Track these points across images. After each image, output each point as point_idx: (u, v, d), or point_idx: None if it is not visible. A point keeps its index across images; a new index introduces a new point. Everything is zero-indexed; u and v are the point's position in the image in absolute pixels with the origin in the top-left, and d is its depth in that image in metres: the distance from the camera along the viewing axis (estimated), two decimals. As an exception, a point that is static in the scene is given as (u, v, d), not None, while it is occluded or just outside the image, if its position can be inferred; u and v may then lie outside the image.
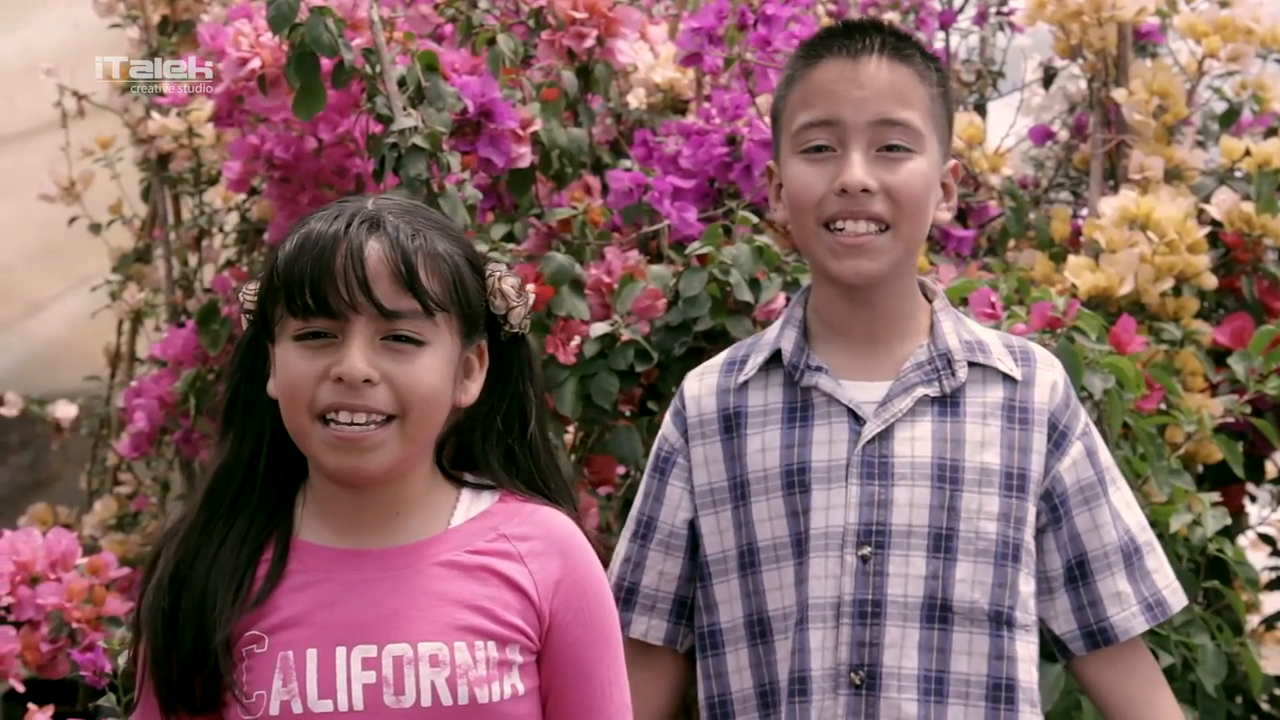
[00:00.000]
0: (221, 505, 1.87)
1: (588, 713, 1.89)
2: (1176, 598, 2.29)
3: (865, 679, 2.16)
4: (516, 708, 1.84)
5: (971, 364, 2.21)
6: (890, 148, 2.16)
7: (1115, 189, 3.61)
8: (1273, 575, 3.83)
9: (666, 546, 2.31)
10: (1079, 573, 2.23)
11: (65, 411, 4.30)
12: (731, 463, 2.25)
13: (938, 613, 2.16)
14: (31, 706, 2.68)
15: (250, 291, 1.87)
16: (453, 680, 1.81)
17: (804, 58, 2.22)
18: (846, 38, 2.20)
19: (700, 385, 2.30)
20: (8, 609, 2.90)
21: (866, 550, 2.17)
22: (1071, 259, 3.41)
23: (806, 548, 2.19)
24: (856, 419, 2.19)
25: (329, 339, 1.79)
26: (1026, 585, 2.20)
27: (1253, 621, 3.83)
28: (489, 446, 1.92)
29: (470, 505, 1.89)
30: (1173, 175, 3.59)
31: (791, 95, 2.22)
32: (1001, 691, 2.17)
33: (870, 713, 2.15)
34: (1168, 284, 3.37)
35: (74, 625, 2.91)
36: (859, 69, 2.17)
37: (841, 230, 2.16)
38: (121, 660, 2.33)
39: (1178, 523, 2.93)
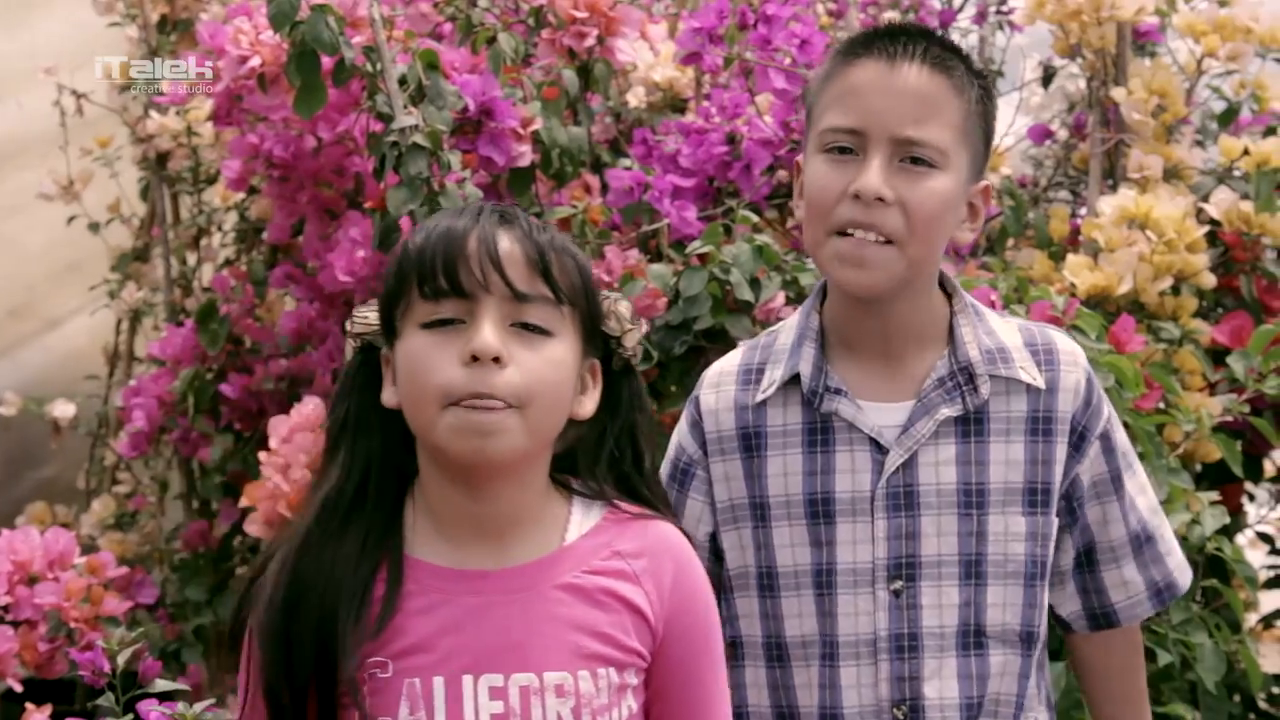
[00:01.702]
0: (332, 524, 1.83)
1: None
2: (1184, 576, 2.29)
3: (908, 713, 2.14)
4: None
5: (993, 376, 2.15)
6: (914, 160, 2.09)
7: (1114, 188, 3.61)
8: (1271, 574, 3.83)
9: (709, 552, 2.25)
10: (1085, 560, 2.23)
11: (63, 411, 4.30)
12: (751, 481, 2.20)
13: (972, 639, 2.15)
14: (29, 706, 2.68)
15: (361, 315, 1.86)
16: (577, 710, 1.80)
17: (844, 54, 2.16)
18: (889, 40, 2.12)
19: (717, 399, 2.23)
20: (5, 608, 2.90)
21: (898, 584, 2.14)
22: (1070, 258, 3.41)
23: (834, 582, 2.15)
24: (879, 448, 2.14)
25: (458, 325, 1.78)
26: (1046, 596, 2.20)
27: (1251, 620, 3.83)
28: (600, 470, 1.91)
29: (582, 520, 1.88)
30: (1171, 174, 3.59)
31: (825, 92, 2.16)
32: (1027, 700, 2.18)
33: None
34: (1166, 283, 3.37)
35: (72, 625, 2.91)
36: (894, 75, 2.10)
37: (850, 239, 2.10)
38: (121, 660, 2.32)
39: (1176, 521, 2.93)
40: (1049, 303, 2.89)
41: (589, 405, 1.88)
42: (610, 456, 1.92)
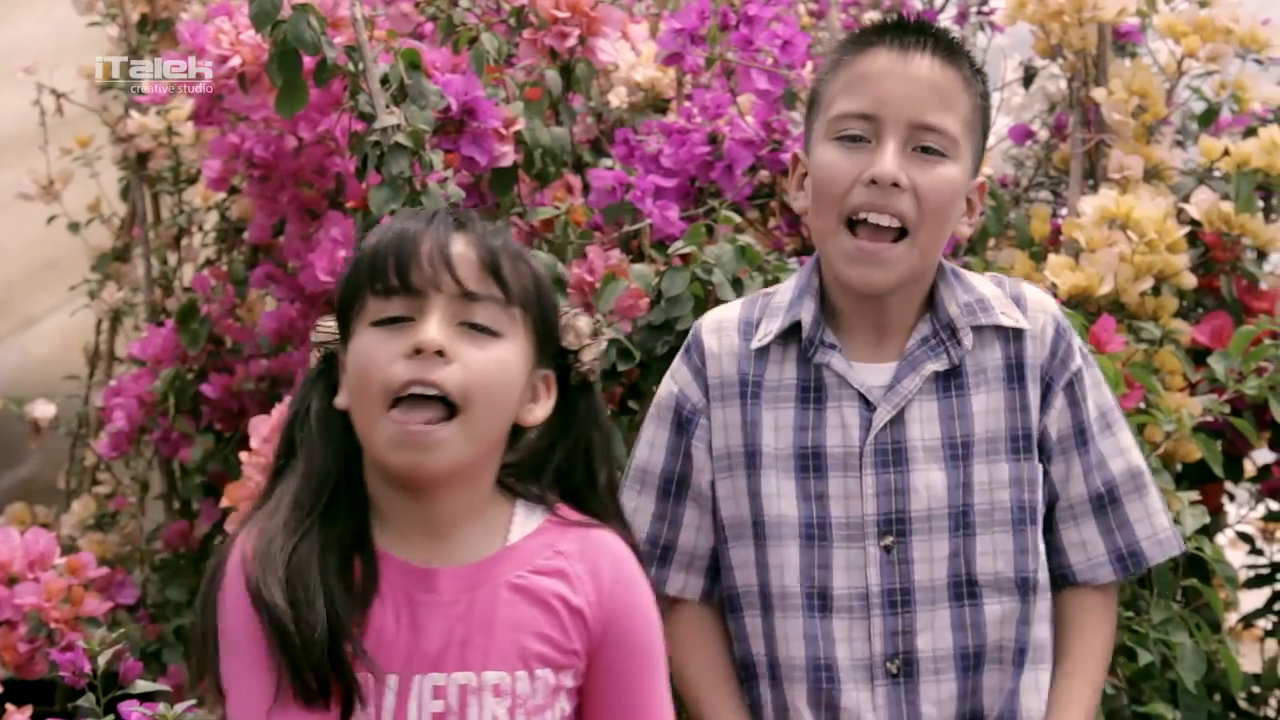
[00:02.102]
0: (309, 520, 1.84)
1: None
2: (1158, 549, 2.26)
3: (902, 666, 2.17)
4: None
5: (974, 328, 2.19)
6: (925, 149, 2.13)
7: (1095, 188, 3.62)
8: (1251, 573, 3.84)
9: (699, 505, 2.29)
10: (1049, 520, 2.23)
11: (43, 411, 4.29)
12: (746, 430, 2.23)
13: (964, 589, 2.17)
14: (10, 707, 2.67)
15: (324, 324, 1.89)
16: (513, 710, 1.82)
17: (853, 44, 2.19)
18: (899, 31, 2.16)
19: (720, 345, 2.26)
20: (-14, 609, 2.89)
21: (889, 540, 2.17)
22: (1051, 258, 3.41)
23: (830, 535, 2.19)
24: (867, 404, 2.18)
25: (407, 323, 1.80)
26: (1037, 541, 2.21)
27: (1231, 619, 3.84)
28: (545, 481, 1.93)
29: (525, 521, 1.89)
30: (1152, 175, 3.60)
31: (834, 80, 2.18)
32: (1029, 652, 2.19)
33: (910, 700, 2.18)
34: (1147, 283, 3.37)
35: (52, 625, 2.90)
36: (908, 63, 2.13)
37: (864, 224, 2.13)
38: (101, 661, 2.32)
39: (1158, 521, 2.93)
40: (1030, 303, 2.88)
41: (538, 414, 1.89)
42: (558, 469, 1.93)
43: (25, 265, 4.60)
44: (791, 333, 2.23)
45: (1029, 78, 4.19)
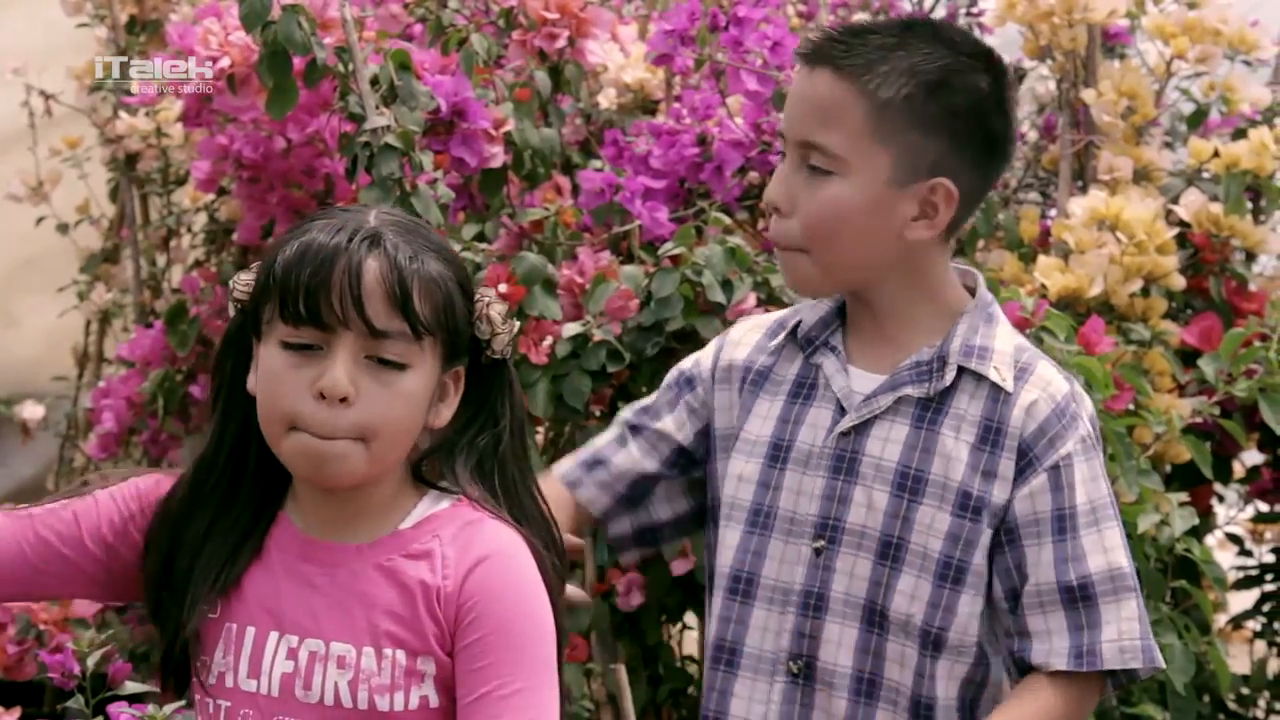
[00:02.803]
0: (206, 491, 1.89)
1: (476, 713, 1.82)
2: (1119, 656, 2.10)
3: (803, 669, 2.17)
4: (428, 717, 1.83)
5: (965, 370, 2.13)
6: (812, 167, 2.11)
7: (1084, 189, 3.62)
8: (1240, 575, 3.85)
9: (653, 445, 2.30)
10: (1013, 603, 2.14)
11: (33, 412, 4.28)
12: (738, 415, 2.25)
13: (876, 618, 2.15)
14: (-1, 708, 2.67)
15: (243, 283, 1.87)
16: (354, 684, 1.82)
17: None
18: (820, 44, 2.13)
19: (743, 335, 2.29)
20: (-24, 611, 2.89)
21: (820, 544, 2.16)
22: (1041, 259, 3.42)
23: (771, 525, 2.19)
24: (842, 409, 2.17)
25: (315, 350, 1.80)
26: (969, 607, 2.14)
27: (1220, 621, 3.85)
28: (461, 464, 1.90)
29: (424, 510, 1.89)
30: (1141, 176, 3.60)
31: None
32: (921, 709, 2.15)
33: (805, 703, 2.17)
34: (1136, 284, 3.38)
35: (41, 627, 2.90)
36: (804, 81, 2.12)
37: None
38: (90, 662, 2.31)
39: (1146, 522, 2.94)
40: (1019, 304, 2.90)
41: (446, 414, 1.89)
42: (474, 450, 1.91)
43: (8, 264, 4.59)
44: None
45: (1018, 79, 4.19)
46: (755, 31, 3.31)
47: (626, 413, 2.35)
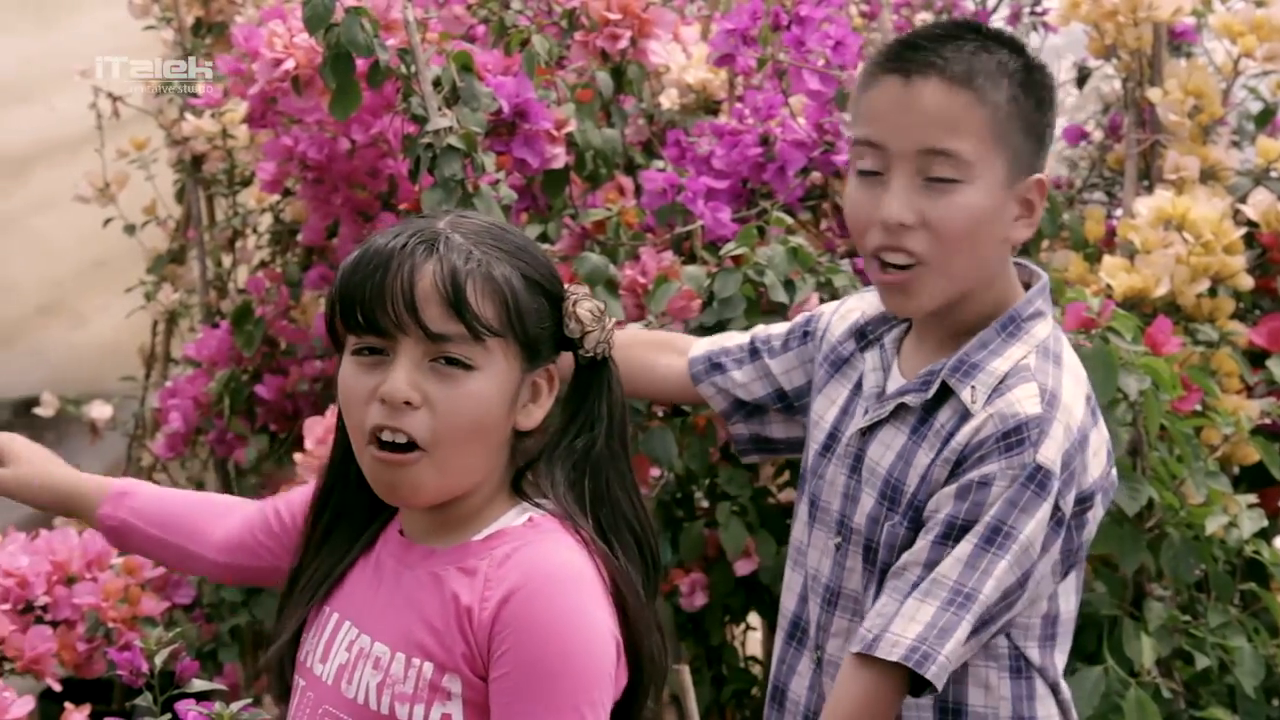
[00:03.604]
0: (329, 498, 1.99)
1: None
2: (889, 647, 2.03)
3: (819, 660, 2.22)
4: None
5: (945, 383, 2.13)
6: (938, 178, 2.08)
7: (1150, 189, 3.60)
8: (1309, 577, 3.81)
9: (762, 375, 2.38)
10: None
11: (101, 412, 4.32)
12: (816, 388, 2.31)
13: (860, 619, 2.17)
14: (68, 705, 2.70)
15: (324, 304, 1.96)
16: (381, 687, 1.83)
17: (868, 70, 2.16)
18: (909, 53, 2.11)
19: (849, 310, 2.34)
20: (44, 608, 2.91)
21: (838, 540, 2.20)
22: (1106, 259, 3.40)
23: (814, 515, 2.25)
24: (866, 410, 2.21)
25: (382, 355, 1.82)
26: None
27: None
28: (559, 471, 1.89)
29: (502, 523, 1.87)
30: (1208, 175, 3.57)
31: (856, 106, 2.17)
32: (948, 715, 2.16)
33: (820, 689, 2.23)
34: (1203, 285, 3.35)
35: (110, 624, 2.92)
36: (909, 92, 2.08)
37: (885, 265, 2.12)
38: (158, 660, 2.33)
39: (1214, 524, 2.92)
40: (1084, 305, 2.88)
41: (536, 414, 1.88)
42: (569, 453, 1.90)
43: (77, 265, 4.63)
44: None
45: (1083, 78, 4.18)
46: (817, 31, 3.30)
47: (757, 330, 2.41)
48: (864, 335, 2.24)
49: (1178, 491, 2.94)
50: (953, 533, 2.06)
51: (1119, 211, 3.80)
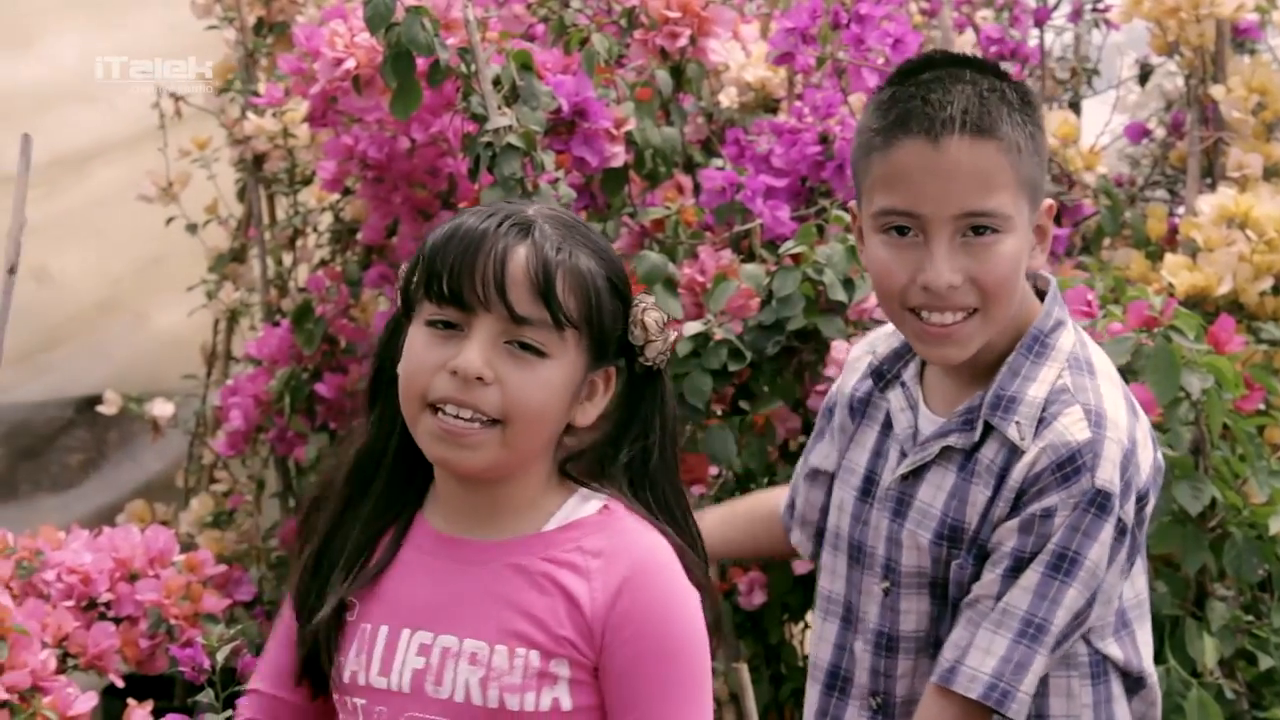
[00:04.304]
0: (361, 482, 1.92)
1: None
2: (966, 682, 2.06)
3: (880, 705, 2.19)
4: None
5: (988, 424, 2.10)
6: (977, 230, 2.04)
7: (1213, 187, 3.58)
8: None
9: (813, 479, 2.35)
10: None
11: (163, 410, 4.35)
12: (843, 442, 2.28)
13: (934, 652, 2.15)
14: (131, 702, 2.72)
15: (403, 270, 1.90)
16: (485, 681, 1.82)
17: (883, 131, 2.07)
18: (927, 105, 2.04)
19: (855, 360, 2.32)
20: (107, 605, 2.94)
21: (886, 584, 2.18)
22: (1168, 257, 3.38)
23: (860, 560, 2.22)
24: (903, 451, 2.18)
25: (456, 330, 1.81)
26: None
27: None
28: (613, 469, 1.91)
29: (571, 512, 1.88)
30: (1272, 173, 3.55)
31: (871, 168, 2.09)
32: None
33: None
34: (1267, 283, 3.33)
35: (172, 621, 2.94)
36: (940, 155, 2.02)
37: (928, 320, 2.08)
38: (220, 657, 2.35)
39: (1277, 524, 2.89)
40: (1146, 303, 2.86)
41: (591, 412, 1.88)
42: (623, 457, 1.91)
43: (139, 263, 4.66)
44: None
45: (1145, 75, 4.16)
46: (877, 29, 3.30)
47: (805, 457, 2.40)
48: (881, 375, 2.21)
49: (1240, 491, 2.92)
50: (1021, 565, 2.07)
51: (1181, 209, 3.78)
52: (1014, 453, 2.08)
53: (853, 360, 2.31)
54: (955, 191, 2.03)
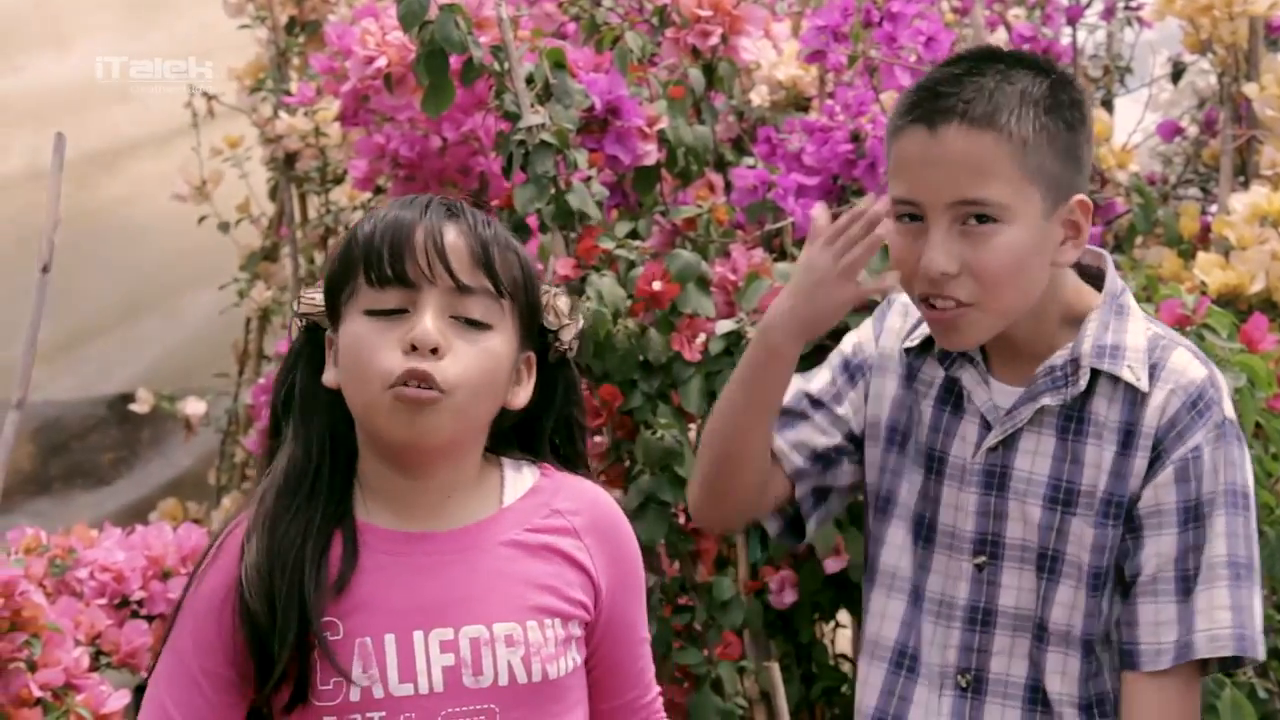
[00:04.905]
0: (296, 498, 1.89)
1: (634, 665, 1.97)
2: (1209, 645, 2.09)
3: (972, 683, 2.17)
4: (575, 680, 1.90)
5: (1098, 371, 2.12)
6: (978, 218, 2.05)
7: (1246, 185, 3.56)
8: None
9: (832, 423, 2.29)
10: (1129, 591, 2.13)
11: (195, 408, 4.36)
12: (895, 408, 2.25)
13: (1037, 629, 2.15)
14: (164, 698, 2.72)
15: (309, 295, 1.92)
16: (527, 659, 1.84)
17: (896, 117, 2.11)
18: (931, 100, 2.07)
19: (901, 324, 2.28)
20: (140, 603, 2.94)
21: (981, 559, 2.17)
22: (1201, 256, 3.37)
23: (934, 539, 2.20)
24: (986, 424, 2.17)
25: (400, 315, 1.83)
26: (1109, 609, 2.15)
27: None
28: (540, 451, 1.99)
29: (516, 482, 1.93)
30: (1305, 171, 3.54)
31: (889, 156, 2.14)
32: (1093, 710, 2.15)
33: (975, 716, 2.17)
34: (1300, 281, 3.32)
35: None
36: (935, 143, 2.05)
37: (933, 307, 2.10)
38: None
39: (1312, 524, 2.89)
40: (1179, 301, 2.85)
41: (523, 396, 1.92)
42: (550, 442, 1.99)
43: (165, 258, 4.68)
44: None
45: (1178, 73, 4.14)
46: (909, 27, 3.29)
47: (802, 386, 2.31)
48: (947, 354, 2.21)
49: (1273, 490, 2.91)
50: (1195, 515, 2.10)
51: (1214, 207, 3.77)
52: (1134, 403, 2.11)
53: (892, 330, 2.28)
54: (947, 178, 2.05)
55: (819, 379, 2.32)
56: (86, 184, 4.41)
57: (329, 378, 1.89)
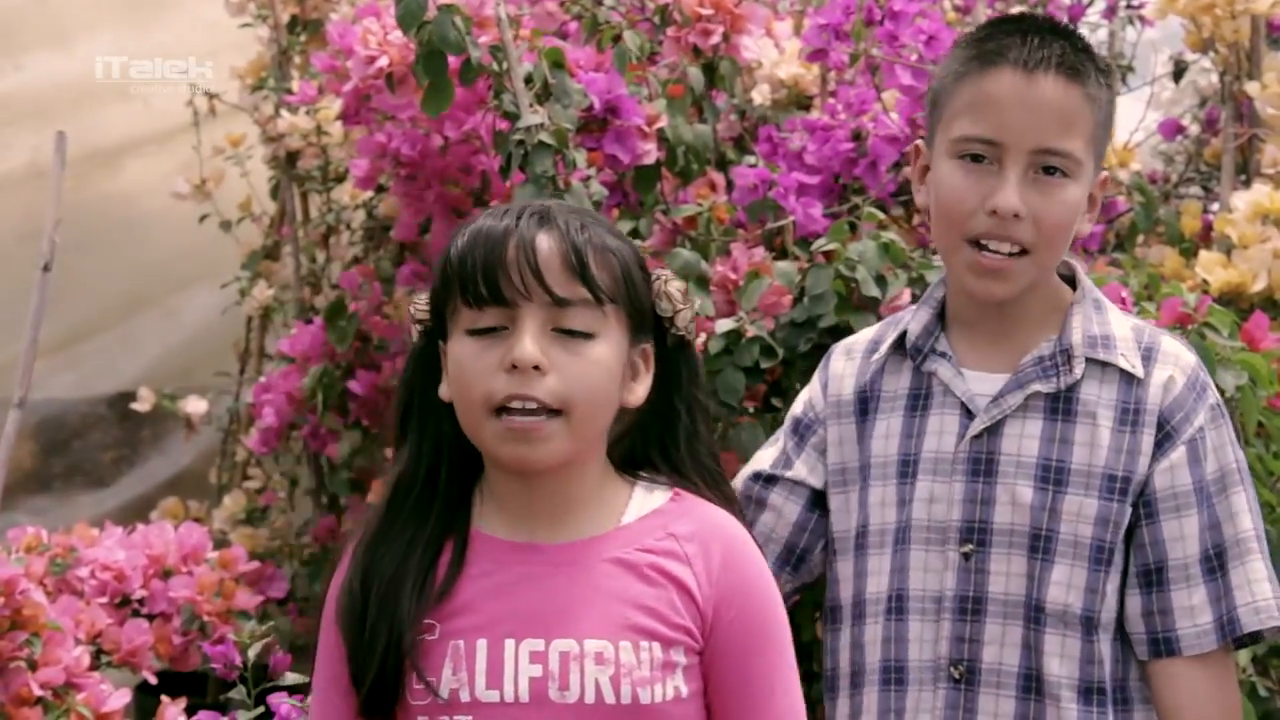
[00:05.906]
0: (404, 509, 1.90)
1: (748, 717, 1.88)
2: (1255, 618, 2.13)
3: (965, 674, 2.17)
4: (678, 709, 1.85)
5: (1091, 360, 2.16)
6: (1048, 170, 2.10)
7: (1247, 184, 3.56)
8: None
9: (789, 493, 2.30)
10: (1155, 579, 2.15)
11: (196, 407, 4.36)
12: (861, 444, 2.25)
13: (1033, 613, 2.15)
14: (164, 698, 2.73)
15: (421, 302, 1.91)
16: (616, 679, 1.82)
17: (980, 57, 2.14)
18: (1025, 43, 2.12)
19: (844, 366, 2.30)
20: (141, 601, 2.95)
21: (969, 547, 2.17)
22: (1202, 254, 3.36)
23: (909, 537, 2.19)
24: (968, 413, 2.17)
25: (501, 332, 1.82)
26: (1113, 586, 2.16)
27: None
28: (659, 453, 1.94)
29: (643, 502, 1.90)
30: (1307, 169, 3.53)
31: (959, 92, 2.15)
32: (1093, 694, 2.15)
33: (969, 707, 2.17)
34: (1301, 280, 3.31)
35: (205, 618, 2.95)
36: (1032, 87, 2.10)
37: (985, 249, 2.12)
38: (252, 653, 2.36)
39: (1313, 523, 2.88)
40: (1180, 300, 2.85)
41: (640, 392, 1.91)
42: (666, 435, 1.94)
43: (166, 256, 4.68)
44: (905, 342, 2.25)
45: (1179, 72, 4.14)
46: (910, 26, 3.28)
47: (755, 469, 2.34)
48: (919, 350, 2.22)
49: (1275, 489, 2.91)
50: (1207, 495, 2.14)
51: (1215, 206, 3.76)
52: (1130, 384, 2.15)
53: (839, 372, 2.30)
54: (1038, 125, 2.10)
55: (767, 454, 2.34)
56: (87, 183, 4.40)
57: (444, 391, 1.88)
